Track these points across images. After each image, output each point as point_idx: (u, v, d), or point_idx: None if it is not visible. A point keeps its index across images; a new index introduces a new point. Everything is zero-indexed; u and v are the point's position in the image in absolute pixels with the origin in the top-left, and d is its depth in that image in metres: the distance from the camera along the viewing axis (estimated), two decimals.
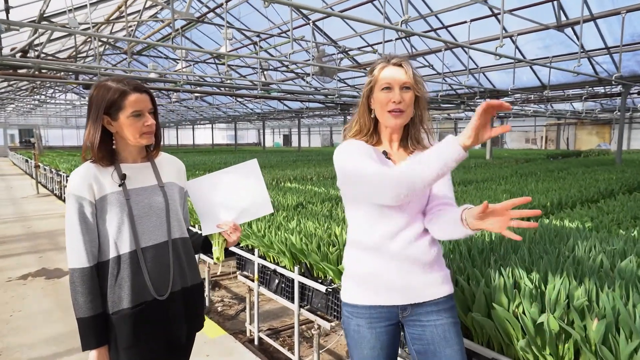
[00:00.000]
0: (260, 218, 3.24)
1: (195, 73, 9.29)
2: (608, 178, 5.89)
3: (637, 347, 1.27)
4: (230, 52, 7.05)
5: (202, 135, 40.36)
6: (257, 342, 3.16)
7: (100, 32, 9.41)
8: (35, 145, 12.24)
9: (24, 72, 8.23)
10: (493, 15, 8.49)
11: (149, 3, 7.34)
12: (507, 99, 13.85)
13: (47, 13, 6.29)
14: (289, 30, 5.26)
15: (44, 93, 16.80)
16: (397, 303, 1.41)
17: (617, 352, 1.30)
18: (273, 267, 2.87)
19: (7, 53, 6.41)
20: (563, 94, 13.14)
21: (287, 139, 43.54)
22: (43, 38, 7.23)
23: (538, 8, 7.71)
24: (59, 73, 8.52)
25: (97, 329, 1.34)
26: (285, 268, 2.80)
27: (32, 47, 7.04)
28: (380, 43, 10.18)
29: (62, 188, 10.20)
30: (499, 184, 5.51)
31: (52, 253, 5.47)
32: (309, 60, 8.62)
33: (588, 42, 8.65)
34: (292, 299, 2.74)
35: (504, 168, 8.63)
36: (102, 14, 9.13)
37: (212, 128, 33.58)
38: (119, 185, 1.39)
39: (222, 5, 8.99)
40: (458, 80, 11.32)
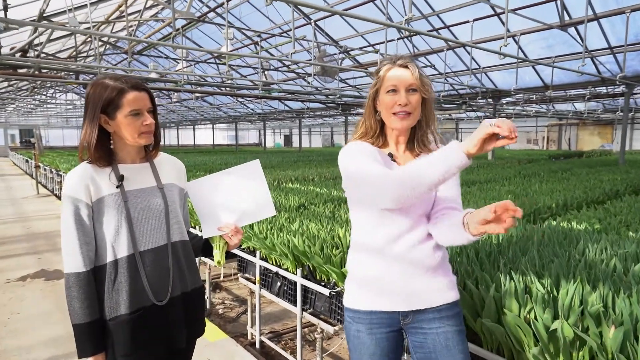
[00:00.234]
0: (262, 219, 3.19)
1: (196, 73, 9.24)
2: (612, 179, 5.83)
3: None
4: (232, 51, 7.00)
5: (202, 136, 40.31)
6: (258, 345, 3.11)
7: (101, 31, 9.37)
8: (36, 146, 12.20)
9: (24, 71, 8.19)
10: (495, 15, 8.45)
11: (150, 3, 7.30)
12: (509, 99, 13.81)
13: (47, 12, 6.25)
14: (290, 30, 5.21)
15: (45, 93, 16.79)
16: (398, 309, 1.37)
17: None
18: (275, 269, 2.82)
19: (6, 52, 6.37)
20: (565, 94, 13.08)
21: (287, 140, 43.50)
22: (43, 38, 7.18)
23: (541, 7, 7.66)
24: (59, 73, 8.49)
25: (93, 336, 1.29)
26: (288, 270, 2.75)
27: (31, 46, 7.00)
28: (382, 43, 10.15)
29: (62, 188, 10.16)
30: (503, 185, 5.45)
31: (51, 254, 5.43)
32: (311, 60, 8.58)
33: (591, 41, 8.60)
34: (294, 302, 2.69)
35: (507, 169, 8.58)
36: (102, 14, 9.10)
37: (212, 128, 33.53)
38: (117, 187, 1.34)
39: (222, 5, 8.94)
40: (460, 80, 11.27)
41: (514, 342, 1.55)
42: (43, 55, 7.81)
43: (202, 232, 1.57)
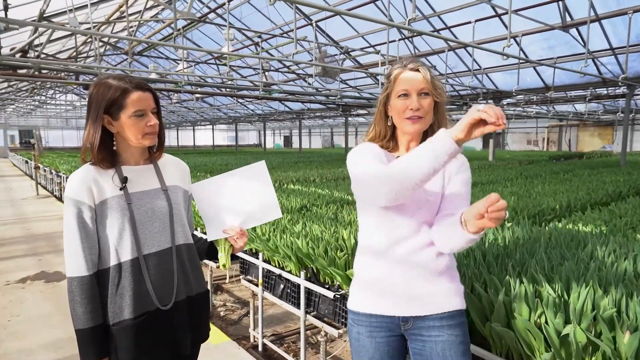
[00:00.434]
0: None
1: (196, 74, 9.21)
2: (615, 180, 5.81)
3: None
4: (236, 51, 6.98)
5: (202, 137, 40.25)
6: (261, 348, 3.08)
7: (101, 32, 9.34)
8: (35, 146, 12.16)
9: (24, 72, 8.16)
10: (497, 16, 8.43)
11: (150, 3, 7.28)
12: (510, 100, 13.79)
13: (47, 13, 6.22)
14: (290, 31, 5.19)
15: (44, 94, 16.75)
16: (398, 314, 1.35)
17: None
18: (278, 271, 2.79)
19: (6, 53, 6.34)
20: (566, 96, 13.07)
21: (287, 140, 43.45)
22: (43, 38, 7.16)
23: (543, 8, 7.64)
24: (59, 73, 8.46)
25: (97, 341, 1.27)
26: (291, 273, 2.72)
27: (32, 47, 6.97)
28: (383, 44, 10.13)
29: (62, 189, 10.13)
30: (505, 186, 5.43)
31: (51, 256, 5.39)
32: (311, 61, 8.55)
33: (592, 42, 8.58)
34: (298, 305, 2.66)
35: (508, 170, 8.55)
36: (102, 14, 9.08)
37: (212, 129, 33.49)
38: (120, 189, 1.31)
39: (223, 6, 8.93)
40: (461, 81, 11.25)
41: (524, 347, 1.52)
42: (43, 56, 7.78)
43: (206, 234, 1.54)
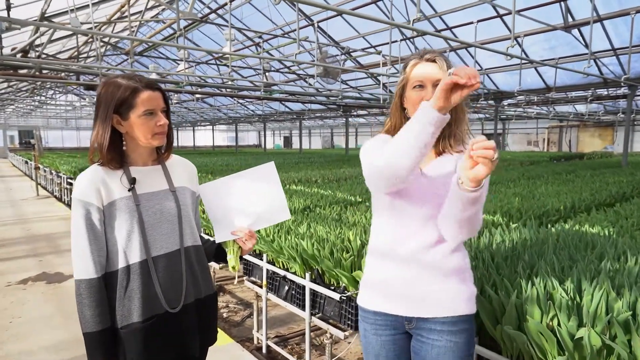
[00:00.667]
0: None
1: (197, 74, 9.19)
2: (618, 181, 5.80)
3: None
4: (237, 51, 6.96)
5: (202, 137, 40.21)
6: (265, 350, 3.06)
7: (102, 32, 9.32)
8: (36, 147, 12.11)
9: (25, 72, 8.13)
10: (498, 16, 8.42)
11: (151, 3, 7.26)
12: (510, 101, 13.78)
13: (48, 13, 6.20)
14: (291, 32, 5.17)
15: (44, 94, 16.72)
16: (402, 313, 1.34)
17: None
18: (283, 273, 2.77)
19: (7, 53, 6.32)
20: (566, 96, 13.06)
21: (287, 141, 43.40)
22: (44, 38, 7.13)
23: (545, 9, 7.63)
24: (60, 73, 8.43)
25: (105, 345, 1.24)
26: (296, 274, 2.70)
27: (32, 47, 6.95)
28: (384, 44, 10.11)
29: (62, 190, 10.10)
30: (508, 187, 5.41)
31: (52, 256, 5.37)
32: (313, 61, 8.53)
33: (594, 43, 8.57)
34: (302, 306, 2.64)
35: (510, 171, 8.53)
36: (103, 14, 9.06)
37: (212, 130, 33.46)
38: (129, 190, 1.29)
39: (224, 6, 8.91)
40: None
41: (536, 349, 1.50)
42: (44, 56, 7.76)
43: (214, 236, 1.52)
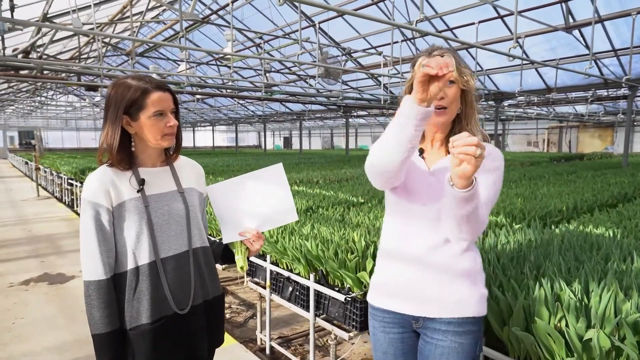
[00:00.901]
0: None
1: (197, 75, 9.19)
2: (620, 181, 5.80)
3: None
4: (237, 52, 6.96)
5: (202, 138, 40.22)
6: (268, 351, 3.06)
7: (104, 32, 9.32)
8: (36, 147, 12.07)
9: (26, 73, 8.13)
10: (499, 17, 8.43)
11: (152, 4, 7.26)
12: (510, 102, 13.79)
13: (49, 14, 6.20)
14: (292, 32, 5.17)
15: (45, 95, 16.72)
16: (407, 312, 1.34)
17: None
18: (287, 274, 2.77)
19: (9, 53, 6.32)
20: (567, 97, 13.07)
21: (287, 142, 43.40)
22: (45, 39, 7.14)
23: (545, 10, 7.64)
24: (61, 74, 8.43)
25: (113, 346, 1.24)
26: (300, 275, 2.70)
27: (34, 48, 6.95)
28: (384, 45, 10.12)
29: (62, 191, 10.09)
30: (510, 188, 5.41)
31: (53, 257, 5.36)
32: (314, 62, 8.53)
33: (594, 44, 8.57)
34: (306, 307, 2.64)
35: (511, 171, 8.53)
36: (104, 15, 9.06)
37: (212, 130, 33.46)
38: (137, 191, 1.29)
39: (225, 7, 8.91)
40: None
41: (544, 351, 1.50)
42: (45, 57, 7.76)
43: (222, 237, 1.52)
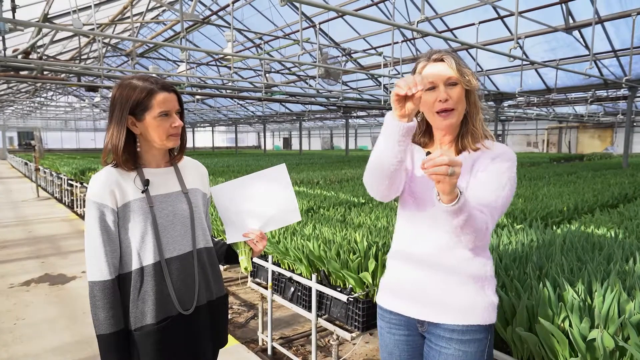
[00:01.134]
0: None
1: (197, 75, 9.19)
2: (620, 182, 5.80)
3: None
4: (238, 52, 6.96)
5: (202, 138, 40.25)
6: (270, 351, 3.06)
7: (104, 33, 9.32)
8: (36, 148, 12.05)
9: (26, 73, 8.13)
10: (499, 18, 8.44)
11: (152, 4, 7.26)
12: (510, 102, 13.80)
13: (50, 14, 6.20)
14: (292, 33, 5.17)
15: (44, 95, 16.71)
16: (412, 315, 1.33)
17: None
18: (289, 274, 2.77)
19: (9, 54, 6.32)
20: (567, 98, 13.08)
21: (287, 142, 43.42)
22: (46, 39, 7.13)
23: (545, 10, 7.65)
24: (61, 75, 8.43)
25: (118, 347, 1.24)
26: (302, 275, 2.70)
27: (34, 48, 6.95)
28: (385, 45, 10.13)
29: (62, 191, 10.08)
30: None
31: (54, 258, 5.36)
32: (315, 62, 8.53)
33: (595, 44, 8.59)
34: (308, 308, 2.64)
35: None
36: (104, 16, 9.06)
37: (212, 131, 33.48)
38: (142, 192, 1.29)
39: (225, 8, 8.92)
40: None
41: (548, 351, 1.50)
42: (45, 58, 7.76)
43: (225, 238, 1.52)
